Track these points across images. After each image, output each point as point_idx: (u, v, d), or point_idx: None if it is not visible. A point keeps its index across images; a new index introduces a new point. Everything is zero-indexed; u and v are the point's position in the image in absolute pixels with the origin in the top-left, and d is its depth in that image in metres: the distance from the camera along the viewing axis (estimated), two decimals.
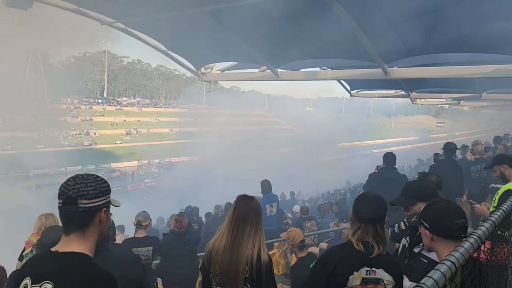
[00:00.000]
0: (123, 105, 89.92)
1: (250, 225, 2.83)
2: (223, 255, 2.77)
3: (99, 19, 6.45)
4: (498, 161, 4.44)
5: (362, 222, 2.48)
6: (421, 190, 3.02)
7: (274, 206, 8.80)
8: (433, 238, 2.10)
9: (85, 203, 1.70)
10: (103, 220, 1.78)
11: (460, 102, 12.77)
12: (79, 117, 75.04)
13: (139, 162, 63.83)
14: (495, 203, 3.78)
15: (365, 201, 2.56)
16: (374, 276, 2.43)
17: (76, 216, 1.70)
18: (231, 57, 8.01)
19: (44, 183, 46.80)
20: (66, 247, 1.70)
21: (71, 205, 1.70)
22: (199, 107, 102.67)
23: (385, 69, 6.25)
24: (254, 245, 2.78)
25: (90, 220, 1.73)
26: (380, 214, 2.50)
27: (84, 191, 1.71)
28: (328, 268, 2.45)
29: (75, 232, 1.71)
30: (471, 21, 5.07)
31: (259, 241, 2.82)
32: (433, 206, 2.20)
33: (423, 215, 2.20)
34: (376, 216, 2.48)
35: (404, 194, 3.09)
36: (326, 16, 5.27)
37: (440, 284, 1.26)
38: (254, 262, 2.70)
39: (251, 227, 2.83)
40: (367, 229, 2.45)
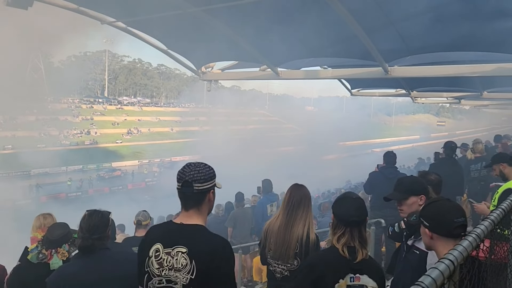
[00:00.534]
0: (124, 104, 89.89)
1: (302, 209, 3.29)
2: (278, 233, 3.26)
3: (100, 18, 6.44)
4: (497, 159, 4.44)
5: (348, 226, 2.35)
6: (413, 185, 3.08)
7: (274, 205, 8.79)
8: (432, 236, 2.09)
9: (198, 186, 2.13)
10: (211, 199, 2.24)
11: (460, 101, 12.76)
12: (80, 116, 75.03)
13: (140, 161, 63.86)
14: (495, 202, 3.77)
15: (349, 203, 2.43)
16: (358, 282, 2.35)
17: (192, 197, 2.15)
18: (232, 56, 8.00)
19: (45, 182, 46.79)
20: (188, 220, 2.16)
21: (188, 188, 2.13)
22: (199, 106, 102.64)
23: (386, 68, 6.25)
24: (304, 226, 3.24)
25: (202, 199, 2.17)
26: (365, 215, 2.43)
27: (197, 177, 2.14)
28: (314, 276, 2.36)
29: (192, 208, 2.17)
30: (471, 20, 5.06)
31: (308, 223, 3.28)
32: (432, 205, 2.19)
33: (422, 213, 2.19)
34: (362, 218, 2.40)
35: (397, 189, 3.12)
36: (327, 14, 5.27)
37: (438, 282, 1.26)
38: (304, 239, 3.19)
39: (303, 211, 3.29)
40: (352, 233, 2.34)
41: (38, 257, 3.34)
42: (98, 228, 2.78)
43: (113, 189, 47.11)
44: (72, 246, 3.56)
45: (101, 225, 2.82)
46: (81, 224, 2.81)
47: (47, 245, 3.39)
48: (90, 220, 2.80)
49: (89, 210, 2.90)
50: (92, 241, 2.74)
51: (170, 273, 2.08)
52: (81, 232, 2.78)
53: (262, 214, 8.61)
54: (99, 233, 2.78)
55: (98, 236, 2.77)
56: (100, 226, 2.81)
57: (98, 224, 2.80)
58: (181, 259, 2.06)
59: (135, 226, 5.61)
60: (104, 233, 2.83)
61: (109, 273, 2.74)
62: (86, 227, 2.77)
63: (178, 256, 2.07)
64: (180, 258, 2.07)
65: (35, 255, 3.35)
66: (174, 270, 2.07)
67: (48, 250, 3.39)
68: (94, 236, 2.75)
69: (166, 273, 2.09)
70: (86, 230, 2.76)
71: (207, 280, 2.03)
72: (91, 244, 2.74)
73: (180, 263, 2.06)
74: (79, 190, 45.18)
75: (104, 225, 2.84)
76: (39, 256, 3.34)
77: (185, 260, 2.05)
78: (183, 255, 2.06)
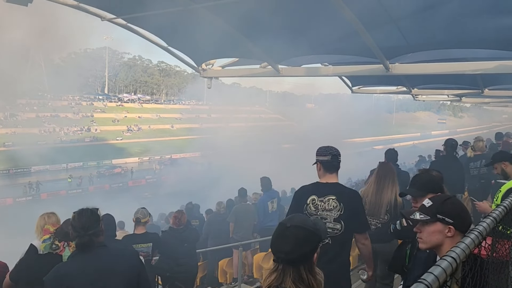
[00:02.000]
0: (124, 102, 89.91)
1: (389, 179, 4.58)
2: (371, 196, 4.56)
3: (100, 15, 6.42)
4: (499, 158, 4.42)
5: (278, 262, 1.79)
6: (431, 182, 3.05)
7: (275, 202, 8.83)
8: (454, 234, 2.00)
9: (339, 159, 3.47)
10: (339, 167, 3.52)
11: (461, 98, 12.73)
12: (80, 113, 75.09)
13: (140, 159, 63.91)
14: (498, 201, 3.73)
15: (277, 232, 1.84)
16: None
17: (336, 165, 3.45)
18: (232, 53, 7.98)
19: (46, 179, 46.82)
20: (331, 180, 3.44)
21: (334, 159, 3.43)
22: (200, 103, 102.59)
23: (387, 65, 6.23)
24: (391, 192, 4.51)
25: (339, 167, 3.48)
26: (305, 250, 1.75)
27: (338, 152, 3.48)
28: None
29: (334, 173, 3.45)
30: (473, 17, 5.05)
31: (394, 190, 4.51)
32: (452, 201, 2.12)
33: (443, 210, 2.05)
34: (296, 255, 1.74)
35: (415, 186, 3.07)
36: (327, 11, 5.25)
37: (441, 279, 1.26)
38: (392, 201, 4.47)
39: (389, 180, 4.57)
40: (285, 271, 1.75)
41: (52, 247, 3.44)
42: (91, 224, 2.79)
43: (113, 186, 47.19)
44: None
45: (93, 221, 2.82)
46: (73, 224, 2.81)
47: (60, 237, 3.48)
48: (81, 219, 2.80)
49: (77, 211, 2.89)
50: (89, 237, 2.74)
51: (323, 213, 3.32)
52: (75, 232, 2.78)
53: (263, 211, 8.64)
54: (93, 229, 2.78)
55: (93, 232, 2.77)
56: (92, 222, 2.81)
57: (90, 220, 2.81)
58: (332, 203, 3.31)
59: (134, 223, 5.62)
60: (97, 227, 2.83)
61: (107, 269, 2.74)
62: (79, 225, 2.77)
63: (330, 201, 3.31)
64: (332, 202, 3.31)
65: (48, 245, 3.45)
66: (326, 210, 3.32)
67: (61, 242, 3.46)
68: (90, 231, 2.75)
69: (320, 213, 3.32)
70: (80, 228, 2.75)
71: (350, 214, 3.25)
72: (88, 240, 2.74)
73: (331, 205, 3.31)
74: (79, 187, 45.24)
75: (95, 221, 2.84)
76: (52, 246, 3.44)
77: (336, 203, 3.30)
78: (334, 201, 3.31)
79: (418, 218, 2.13)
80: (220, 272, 8.65)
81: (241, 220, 8.43)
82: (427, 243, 2.11)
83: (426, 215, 2.10)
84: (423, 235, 2.13)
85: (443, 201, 2.12)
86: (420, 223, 2.14)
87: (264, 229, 8.72)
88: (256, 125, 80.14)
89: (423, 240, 2.13)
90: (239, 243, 8.01)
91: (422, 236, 2.13)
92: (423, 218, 2.10)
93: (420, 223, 2.14)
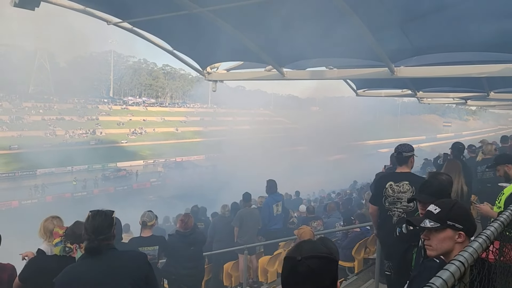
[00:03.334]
0: (129, 105, 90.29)
1: (455, 172, 5.06)
2: None
3: (106, 19, 6.45)
4: (502, 160, 4.37)
5: None
6: (442, 189, 3.03)
7: (279, 205, 8.82)
8: (464, 239, 1.97)
9: (406, 153, 4.41)
10: (412, 161, 4.48)
11: (467, 101, 12.66)
12: (85, 116, 75.43)
13: (145, 161, 64.08)
14: (500, 203, 3.70)
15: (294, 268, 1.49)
16: None
17: (403, 159, 4.43)
18: (237, 56, 7.99)
19: (51, 182, 47.05)
20: (404, 170, 4.44)
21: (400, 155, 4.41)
22: (204, 106, 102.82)
23: (392, 68, 6.22)
24: (458, 182, 4.98)
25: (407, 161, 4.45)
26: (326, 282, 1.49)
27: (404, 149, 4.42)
28: None
29: (403, 165, 4.42)
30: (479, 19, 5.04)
31: (461, 181, 5.05)
32: (459, 206, 2.08)
33: (452, 216, 2.01)
34: None
35: (425, 191, 3.03)
36: (333, 14, 5.26)
37: (449, 284, 1.25)
38: (459, 190, 4.99)
39: (456, 173, 5.04)
40: None
41: (65, 250, 3.49)
42: (103, 228, 2.79)
43: (118, 188, 47.33)
44: None
45: (105, 225, 2.82)
46: (86, 226, 2.82)
47: (72, 239, 3.50)
48: (94, 221, 2.80)
49: (92, 211, 2.90)
50: (98, 242, 2.75)
51: (399, 195, 4.31)
52: (86, 234, 2.79)
53: (268, 214, 8.63)
54: (104, 234, 2.79)
55: (104, 237, 2.78)
56: (105, 226, 2.81)
57: (103, 224, 2.81)
58: (406, 186, 4.30)
59: (140, 226, 5.63)
60: (109, 233, 2.83)
61: (115, 272, 2.75)
62: (91, 228, 2.77)
63: (404, 186, 4.31)
64: (406, 186, 4.30)
65: (61, 248, 3.50)
66: (401, 193, 4.31)
67: (74, 244, 3.49)
68: (100, 237, 2.76)
69: (396, 195, 4.33)
70: (91, 232, 2.76)
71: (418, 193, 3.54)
72: (97, 245, 2.75)
73: (405, 188, 4.30)
74: (84, 190, 45.41)
75: (108, 225, 2.84)
76: (66, 249, 3.49)
77: (408, 186, 4.29)
78: (407, 185, 4.30)
79: (428, 225, 2.06)
80: (225, 275, 8.64)
81: (245, 224, 8.42)
82: (437, 250, 2.06)
83: (436, 222, 2.05)
84: (432, 242, 2.07)
85: (451, 206, 2.07)
86: (427, 230, 2.08)
87: (268, 232, 8.71)
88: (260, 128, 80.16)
89: (432, 248, 2.07)
90: (244, 246, 8.00)
91: (431, 243, 2.07)
92: (433, 226, 2.04)
93: (428, 230, 2.08)
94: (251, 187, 11.63)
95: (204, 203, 14.36)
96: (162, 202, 38.47)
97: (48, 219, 4.08)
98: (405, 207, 4.29)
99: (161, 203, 37.15)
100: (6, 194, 41.38)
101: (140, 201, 36.31)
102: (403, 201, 4.28)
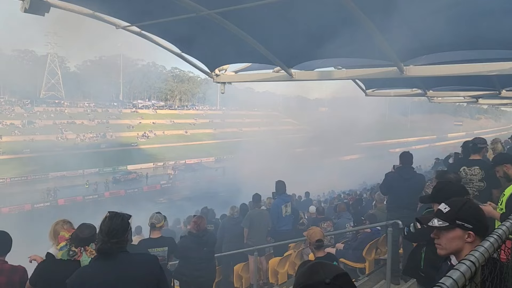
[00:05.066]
0: (139, 108, 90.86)
1: None
2: None
3: (114, 23, 6.51)
4: (500, 161, 4.26)
5: None
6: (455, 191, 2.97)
7: (289, 206, 8.80)
8: (473, 239, 1.93)
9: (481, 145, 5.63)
10: None
11: (478, 100, 12.51)
12: (95, 120, 76.12)
13: (155, 164, 64.42)
14: (502, 205, 3.61)
15: None
16: None
17: (474, 149, 5.52)
18: (245, 58, 7.99)
19: (63, 185, 47.53)
20: (475, 157, 5.44)
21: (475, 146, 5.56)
22: (213, 108, 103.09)
23: (401, 67, 6.16)
24: None
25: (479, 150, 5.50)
26: None
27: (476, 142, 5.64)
28: None
29: (476, 154, 5.52)
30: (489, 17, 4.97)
31: None
32: (470, 205, 2.04)
33: (461, 215, 1.99)
34: None
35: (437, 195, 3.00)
36: (341, 14, 5.24)
37: (460, 284, 1.23)
38: None
39: None
40: None
41: (69, 254, 3.48)
42: (117, 232, 2.79)
43: (128, 191, 47.65)
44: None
45: (120, 229, 2.82)
46: (102, 227, 2.82)
47: (76, 242, 3.51)
48: (110, 223, 2.81)
49: (111, 212, 2.91)
50: (110, 245, 2.76)
51: (471, 177, 5.20)
52: (100, 235, 2.80)
53: (277, 215, 8.61)
54: (118, 237, 2.79)
55: (117, 240, 2.78)
56: (120, 230, 2.82)
57: (118, 227, 2.81)
58: (477, 170, 5.19)
59: (149, 228, 5.66)
60: (123, 237, 2.84)
61: (127, 275, 2.76)
62: (106, 230, 2.78)
63: (475, 170, 5.21)
64: (477, 170, 5.20)
65: (65, 252, 3.49)
66: (473, 175, 5.20)
67: (78, 248, 3.50)
68: (113, 240, 2.76)
69: (468, 177, 5.20)
70: (106, 234, 2.77)
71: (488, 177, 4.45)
72: (109, 248, 2.76)
73: (476, 172, 5.19)
74: (95, 193, 45.78)
75: (123, 229, 2.85)
76: (70, 253, 3.48)
77: (479, 170, 5.17)
78: (478, 169, 5.19)
79: (436, 225, 2.04)
80: (236, 277, 8.64)
81: (255, 225, 8.41)
82: (447, 250, 2.04)
83: (445, 221, 2.03)
84: (441, 241, 2.05)
85: (461, 206, 2.04)
86: (437, 229, 2.07)
87: (278, 233, 8.69)
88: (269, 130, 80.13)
89: (442, 247, 2.06)
90: (254, 248, 7.99)
91: (441, 242, 2.06)
92: (442, 225, 2.02)
93: (437, 229, 2.06)
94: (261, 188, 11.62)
95: (214, 205, 14.39)
96: (173, 204, 38.64)
97: (58, 222, 4.11)
98: (477, 186, 5.23)
99: (171, 205, 37.33)
100: (18, 198, 41.91)
101: (151, 203, 36.51)
102: (475, 182, 5.22)
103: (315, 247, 4.49)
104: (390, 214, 6.51)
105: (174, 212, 21.80)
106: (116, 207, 18.51)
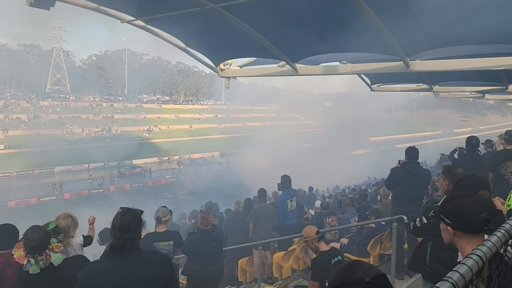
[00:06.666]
0: (143, 102, 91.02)
1: None
2: None
3: (119, 17, 6.50)
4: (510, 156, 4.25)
5: None
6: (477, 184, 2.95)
7: (294, 200, 8.80)
8: (455, 233, 2.04)
9: None
10: None
11: (484, 95, 12.41)
12: (101, 115, 76.38)
13: (160, 159, 64.60)
14: (510, 201, 3.59)
15: None
16: None
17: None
18: (250, 52, 7.96)
19: (68, 179, 47.82)
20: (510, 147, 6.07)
21: None
22: (218, 103, 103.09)
23: (407, 62, 6.12)
24: None
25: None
26: None
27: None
28: None
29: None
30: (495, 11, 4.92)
31: None
32: (453, 201, 2.12)
33: (442, 211, 2.11)
34: None
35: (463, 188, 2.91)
36: (346, 9, 5.20)
37: (467, 278, 1.23)
38: None
39: None
40: None
41: (40, 266, 3.28)
42: (130, 228, 2.78)
43: (134, 185, 47.87)
44: (57, 236, 3.57)
45: (133, 225, 2.81)
46: (114, 223, 2.81)
47: (35, 251, 3.33)
48: (123, 219, 2.79)
49: (123, 208, 2.90)
50: (123, 241, 2.75)
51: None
52: (113, 231, 2.78)
53: (283, 209, 8.62)
54: (131, 233, 2.78)
55: (129, 236, 2.77)
56: (132, 226, 2.80)
57: (131, 223, 2.80)
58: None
59: (155, 222, 5.68)
60: (135, 233, 2.82)
61: (138, 272, 2.75)
62: (119, 225, 2.77)
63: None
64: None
65: (35, 267, 3.27)
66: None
67: (43, 253, 3.34)
68: (126, 236, 2.75)
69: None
70: (118, 229, 2.76)
71: None
72: (122, 244, 2.75)
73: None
74: (101, 187, 46.03)
75: (136, 225, 2.84)
76: (40, 264, 3.28)
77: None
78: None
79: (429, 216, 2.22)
80: (240, 271, 8.67)
81: (260, 220, 8.42)
82: (445, 238, 2.16)
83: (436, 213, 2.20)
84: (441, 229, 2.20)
85: (446, 201, 2.15)
86: None
87: (283, 228, 8.70)
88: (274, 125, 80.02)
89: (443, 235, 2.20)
90: (258, 242, 8.00)
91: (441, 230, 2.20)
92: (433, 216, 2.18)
93: None
94: (266, 183, 11.62)
95: (219, 200, 14.43)
96: (178, 198, 38.78)
97: (60, 216, 4.15)
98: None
99: (176, 199, 37.48)
100: (25, 192, 42.22)
101: (156, 198, 36.66)
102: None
103: (317, 240, 4.48)
104: (395, 209, 6.49)
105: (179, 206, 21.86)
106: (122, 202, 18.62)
